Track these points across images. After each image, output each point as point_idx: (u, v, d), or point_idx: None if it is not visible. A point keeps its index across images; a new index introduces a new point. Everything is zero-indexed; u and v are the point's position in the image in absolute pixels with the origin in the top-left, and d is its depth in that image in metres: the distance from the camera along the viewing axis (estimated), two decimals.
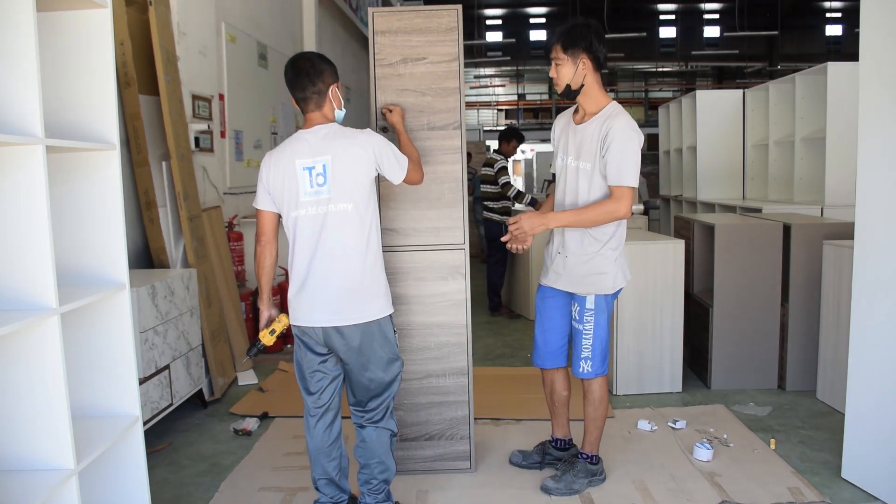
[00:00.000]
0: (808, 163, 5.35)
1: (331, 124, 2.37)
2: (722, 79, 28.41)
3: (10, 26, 1.72)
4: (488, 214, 6.14)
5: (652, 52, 27.85)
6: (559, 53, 2.60)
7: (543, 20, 28.76)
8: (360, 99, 9.81)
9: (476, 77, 29.04)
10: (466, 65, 12.24)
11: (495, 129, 22.34)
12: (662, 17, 29.01)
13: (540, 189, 12.75)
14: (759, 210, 5.08)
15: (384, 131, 2.78)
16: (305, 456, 3.12)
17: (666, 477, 2.90)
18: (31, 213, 1.76)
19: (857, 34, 2.72)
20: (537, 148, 18.97)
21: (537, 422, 3.48)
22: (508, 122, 26.61)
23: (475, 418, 3.17)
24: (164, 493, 2.82)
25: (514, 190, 5.90)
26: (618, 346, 3.89)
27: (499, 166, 5.94)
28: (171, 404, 3.37)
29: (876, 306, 2.69)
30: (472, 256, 4.23)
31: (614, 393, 3.93)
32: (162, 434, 3.42)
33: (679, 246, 3.93)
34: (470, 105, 26.39)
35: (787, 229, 3.93)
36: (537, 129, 22.72)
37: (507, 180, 5.91)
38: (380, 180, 2.70)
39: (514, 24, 29.15)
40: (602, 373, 2.74)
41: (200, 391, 3.78)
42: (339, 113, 2.44)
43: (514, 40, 25.49)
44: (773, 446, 3.16)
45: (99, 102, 2.10)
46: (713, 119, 6.69)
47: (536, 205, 3.46)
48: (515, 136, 6.09)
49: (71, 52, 2.07)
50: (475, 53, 25.81)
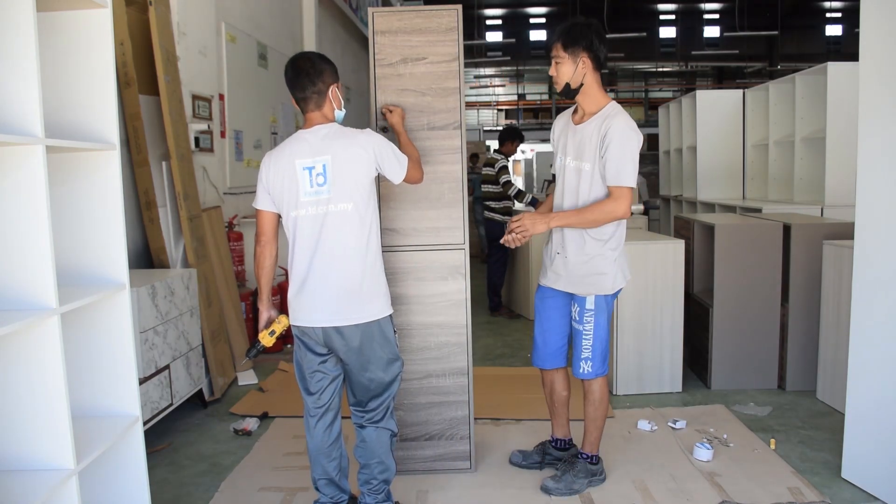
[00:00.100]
0: (808, 163, 5.36)
1: (331, 124, 2.37)
2: (722, 79, 28.41)
3: (10, 26, 1.72)
4: (490, 214, 6.14)
5: (652, 52, 27.85)
6: (559, 52, 2.60)
7: (543, 20, 28.76)
8: (360, 99, 9.81)
9: (476, 77, 29.04)
10: (466, 65, 12.24)
11: (495, 129, 22.34)
12: (662, 17, 29.01)
13: (540, 189, 12.74)
14: (759, 210, 5.08)
15: (384, 131, 2.78)
16: (305, 456, 3.12)
17: (666, 477, 2.90)
18: (31, 213, 1.76)
19: (857, 34, 2.72)
20: (537, 148, 18.97)
21: (537, 422, 3.48)
22: (508, 121, 26.59)
23: (475, 418, 3.17)
24: (164, 493, 2.82)
25: (515, 189, 5.92)
26: (618, 346, 3.90)
27: (499, 166, 5.95)
28: (171, 404, 3.37)
29: (876, 306, 2.69)
30: (472, 256, 4.23)
31: (614, 393, 3.93)
32: (162, 434, 3.42)
33: (679, 246, 3.93)
34: (470, 105, 26.38)
35: (787, 229, 3.93)
36: (537, 129, 22.71)
37: (508, 179, 5.92)
38: (380, 180, 2.70)
39: (514, 24, 29.16)
40: (602, 373, 2.74)
41: (200, 391, 3.78)
42: (339, 113, 2.44)
43: (514, 40, 25.50)
44: (773, 446, 3.16)
45: (99, 102, 2.10)
46: (713, 119, 6.69)
47: (537, 204, 3.46)
48: (516, 136, 6.09)
49: (71, 52, 2.07)
50: (475, 53, 25.81)
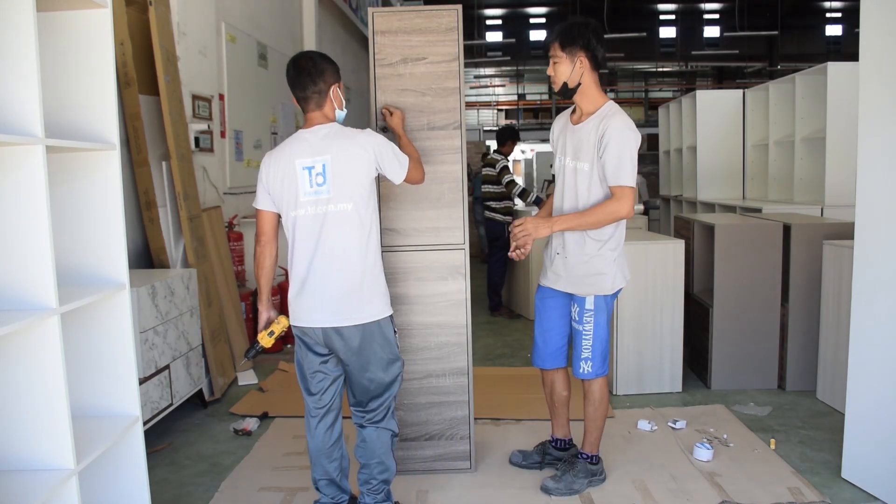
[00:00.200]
0: (808, 163, 5.35)
1: (331, 124, 2.36)
2: (722, 79, 28.40)
3: (10, 26, 1.72)
4: (490, 214, 6.14)
5: (652, 52, 27.84)
6: (557, 51, 2.60)
7: (543, 20, 28.75)
8: (360, 99, 9.81)
9: (476, 77, 29.04)
10: (466, 65, 12.23)
11: (495, 129, 22.31)
12: (662, 17, 29.00)
13: (540, 189, 12.74)
14: (759, 210, 5.08)
15: (384, 131, 2.78)
16: (305, 456, 3.12)
17: (666, 477, 2.90)
18: (31, 213, 1.76)
19: (857, 34, 2.72)
20: (537, 148, 18.96)
21: (537, 422, 3.48)
22: (508, 122, 26.59)
23: (475, 418, 3.17)
24: (164, 493, 2.82)
25: (518, 188, 5.92)
26: (618, 346, 3.89)
27: (500, 166, 5.96)
28: (171, 404, 3.37)
29: (876, 306, 2.69)
30: (472, 256, 4.23)
31: (614, 393, 3.93)
32: (162, 434, 3.42)
33: (679, 246, 3.93)
34: (470, 105, 26.37)
35: (787, 229, 3.93)
36: (537, 129, 22.70)
37: (511, 178, 5.92)
38: (380, 180, 2.70)
39: (514, 24, 29.15)
40: (602, 373, 2.74)
41: (200, 391, 3.78)
42: (340, 113, 2.43)
43: (514, 40, 25.49)
44: (773, 446, 3.16)
45: (99, 102, 2.10)
46: (713, 119, 6.69)
47: (541, 204, 3.46)
48: (516, 136, 6.15)
49: (71, 52, 2.07)
50: (475, 53, 25.81)
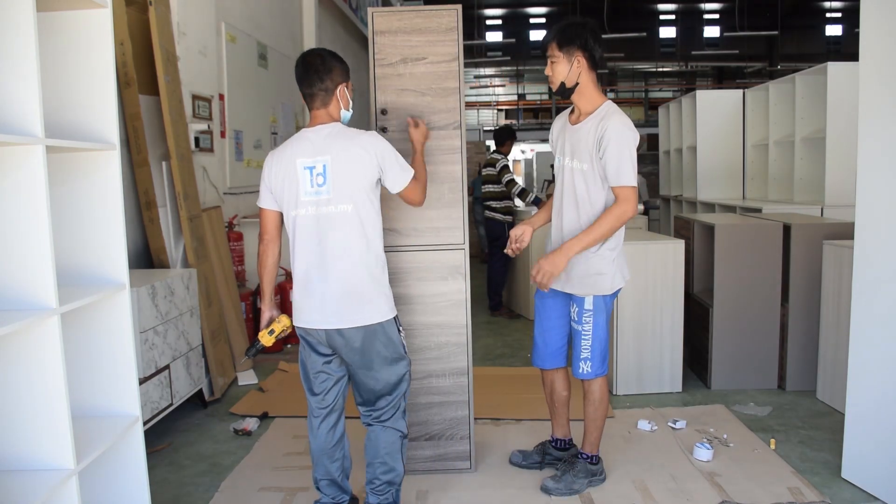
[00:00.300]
0: (808, 163, 5.35)
1: (334, 124, 2.35)
2: (722, 79, 28.39)
3: (10, 26, 1.72)
4: (491, 214, 6.16)
5: (652, 52, 27.83)
6: (554, 51, 2.59)
7: (543, 20, 28.73)
8: (360, 99, 9.79)
9: (476, 77, 29.02)
10: (466, 65, 12.24)
11: (495, 128, 22.31)
12: (662, 17, 28.99)
13: (540, 189, 12.74)
14: (759, 210, 5.08)
15: (384, 131, 2.78)
16: (305, 456, 3.12)
17: (666, 477, 2.90)
18: (31, 213, 1.75)
19: (857, 34, 2.72)
20: (537, 148, 18.96)
21: (537, 422, 3.48)
22: (508, 122, 26.60)
23: (475, 418, 3.17)
24: (164, 493, 2.82)
25: (518, 187, 5.95)
26: (618, 346, 3.89)
27: (500, 165, 6.00)
28: (171, 404, 3.37)
29: (876, 306, 2.69)
30: (472, 256, 4.23)
31: (614, 393, 3.93)
32: (162, 434, 3.42)
33: (679, 246, 3.93)
34: (470, 105, 26.36)
35: (787, 229, 3.93)
36: (537, 129, 22.68)
37: (511, 178, 5.95)
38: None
39: (514, 24, 29.14)
40: (602, 373, 2.73)
41: (200, 391, 3.78)
42: (346, 114, 2.41)
43: (514, 40, 25.48)
44: (773, 446, 3.16)
45: (99, 102, 2.09)
46: (713, 119, 6.69)
47: (540, 204, 3.46)
48: (514, 136, 6.21)
49: (71, 52, 2.07)
50: (475, 53, 25.80)
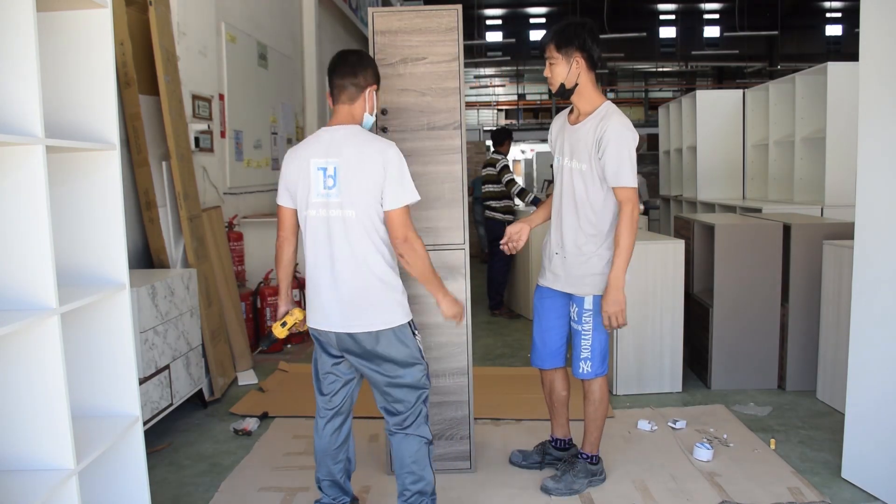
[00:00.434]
0: (808, 163, 5.35)
1: (353, 126, 2.31)
2: (722, 79, 28.38)
3: (10, 26, 1.72)
4: (491, 214, 6.17)
5: (652, 52, 27.83)
6: (553, 52, 2.59)
7: (543, 20, 28.73)
8: None
9: (476, 77, 29.02)
10: (466, 65, 12.22)
11: (496, 128, 22.32)
12: (662, 17, 28.98)
13: (540, 189, 12.75)
14: (759, 210, 5.08)
15: (384, 131, 2.78)
16: (305, 456, 3.12)
17: (666, 477, 2.90)
18: (31, 213, 1.76)
19: (857, 34, 2.72)
20: (537, 148, 18.95)
21: (537, 422, 3.48)
22: (508, 122, 26.61)
23: (475, 418, 3.17)
24: (164, 493, 2.82)
25: (518, 187, 5.98)
26: (618, 346, 3.89)
27: (501, 165, 6.03)
28: (171, 404, 3.37)
29: (876, 306, 2.69)
30: (472, 256, 4.23)
31: (614, 393, 3.93)
32: (162, 434, 3.42)
33: (679, 246, 3.93)
34: (470, 105, 26.35)
35: (787, 229, 3.93)
36: (537, 129, 22.68)
37: (511, 178, 5.98)
38: None
39: (514, 24, 29.14)
40: (602, 373, 2.73)
41: (200, 391, 3.78)
42: (369, 119, 2.38)
43: (514, 40, 25.47)
44: (773, 446, 3.16)
45: (99, 102, 2.09)
46: (713, 119, 6.69)
47: (539, 204, 3.47)
48: (509, 135, 6.28)
49: (71, 52, 2.07)
50: (475, 53, 25.79)
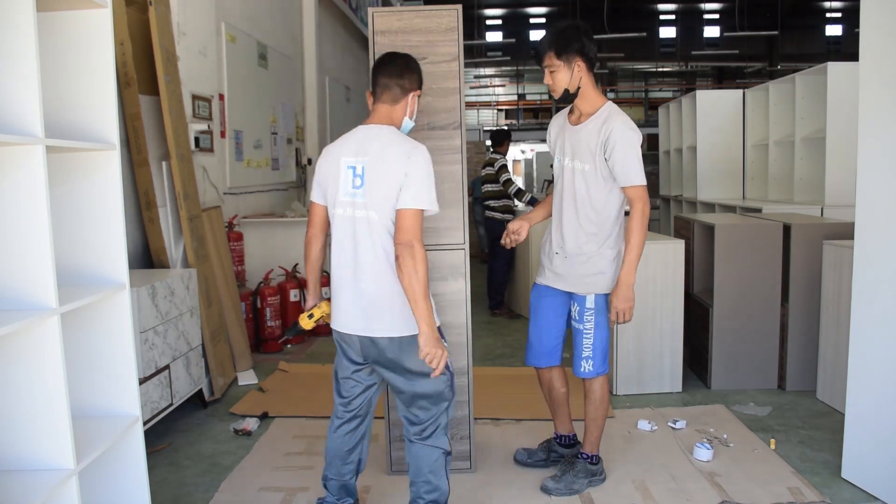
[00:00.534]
0: (808, 163, 5.35)
1: (389, 126, 2.29)
2: (722, 79, 28.39)
3: (10, 26, 1.72)
4: (491, 214, 6.18)
5: (652, 52, 27.83)
6: (553, 60, 2.57)
7: (543, 20, 28.74)
8: (360, 99, 9.81)
9: (476, 77, 29.02)
10: (466, 65, 12.22)
11: (495, 129, 22.33)
12: (662, 17, 28.99)
13: (540, 189, 12.75)
14: (759, 210, 5.08)
15: None
16: (305, 456, 3.13)
17: (666, 477, 2.90)
18: (31, 213, 1.76)
19: (857, 34, 2.72)
20: (537, 148, 18.96)
21: (537, 422, 3.48)
22: (508, 122, 26.62)
23: (475, 418, 3.17)
24: (164, 493, 2.82)
25: (515, 187, 6.01)
26: (618, 346, 3.89)
27: (499, 165, 6.05)
28: (171, 404, 3.37)
29: (876, 306, 2.69)
30: (472, 256, 4.23)
31: (614, 393, 3.92)
32: (162, 434, 3.42)
33: (679, 246, 3.93)
34: (470, 105, 26.36)
35: (787, 229, 3.93)
36: (537, 129, 22.68)
37: (508, 177, 6.02)
38: None
39: (514, 24, 29.15)
40: (603, 372, 2.74)
41: (200, 391, 3.78)
42: (408, 123, 2.36)
43: (514, 40, 25.46)
44: (773, 446, 3.16)
45: (99, 102, 2.09)
46: (713, 119, 6.69)
47: (536, 203, 3.47)
48: (507, 136, 6.30)
49: (71, 52, 2.07)
50: (475, 53, 25.79)
